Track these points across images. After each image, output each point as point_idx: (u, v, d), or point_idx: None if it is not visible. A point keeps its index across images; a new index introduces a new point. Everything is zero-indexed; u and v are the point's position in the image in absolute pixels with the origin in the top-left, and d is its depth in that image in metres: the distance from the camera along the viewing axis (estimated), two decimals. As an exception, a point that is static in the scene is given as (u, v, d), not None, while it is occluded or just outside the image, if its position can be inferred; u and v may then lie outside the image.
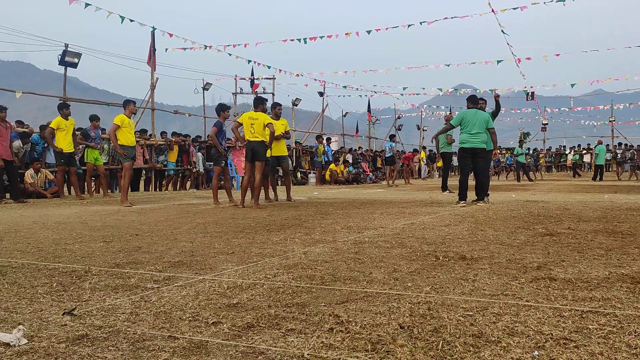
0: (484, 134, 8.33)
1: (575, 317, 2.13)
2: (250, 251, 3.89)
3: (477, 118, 8.27)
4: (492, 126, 8.56)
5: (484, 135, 8.35)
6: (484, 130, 8.31)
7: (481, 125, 8.26)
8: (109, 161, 13.02)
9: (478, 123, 8.24)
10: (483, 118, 8.34)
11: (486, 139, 8.45)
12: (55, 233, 5.10)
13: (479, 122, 8.25)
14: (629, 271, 2.99)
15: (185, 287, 2.75)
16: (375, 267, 3.22)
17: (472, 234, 4.69)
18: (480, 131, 8.24)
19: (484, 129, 8.30)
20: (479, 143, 8.24)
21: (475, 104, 8.56)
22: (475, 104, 8.55)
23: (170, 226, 5.61)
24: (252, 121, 8.17)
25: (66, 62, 12.83)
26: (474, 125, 8.23)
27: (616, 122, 35.80)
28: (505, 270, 3.06)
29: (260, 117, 8.17)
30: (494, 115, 9.27)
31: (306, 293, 2.59)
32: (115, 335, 1.98)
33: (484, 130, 8.30)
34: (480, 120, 8.28)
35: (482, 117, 8.34)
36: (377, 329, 2.01)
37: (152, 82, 15.69)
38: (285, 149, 10.00)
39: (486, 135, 8.45)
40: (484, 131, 8.33)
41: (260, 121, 8.12)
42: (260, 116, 8.18)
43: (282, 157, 9.80)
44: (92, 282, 2.89)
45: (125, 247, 4.13)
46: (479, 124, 8.24)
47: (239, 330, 2.03)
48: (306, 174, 20.48)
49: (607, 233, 4.59)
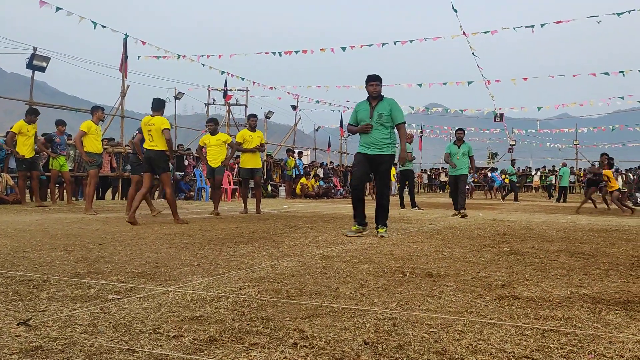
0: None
1: (537, 335, 2.16)
2: (216, 263, 3.83)
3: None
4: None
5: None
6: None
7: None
8: (74, 168, 12.72)
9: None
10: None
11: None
12: (15, 240, 4.93)
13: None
14: (590, 291, 3.05)
15: (148, 299, 2.69)
16: (342, 282, 3.21)
17: (439, 251, 4.72)
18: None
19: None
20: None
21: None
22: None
23: (135, 236, 5.50)
24: (148, 127, 7.27)
25: (34, 65, 12.56)
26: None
27: (580, 146, 36.90)
28: (471, 288, 3.08)
29: (157, 122, 7.25)
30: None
31: (271, 307, 2.56)
32: (71, 348, 1.91)
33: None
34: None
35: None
36: (342, 345, 1.99)
37: (123, 89, 15.46)
38: (260, 162, 9.97)
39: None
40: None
41: (158, 126, 7.21)
42: (157, 121, 7.26)
43: (256, 170, 9.78)
44: (50, 292, 2.79)
45: (87, 257, 4.02)
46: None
47: (200, 344, 1.98)
48: (276, 187, 20.41)
49: (569, 253, 4.69)
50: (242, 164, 9.95)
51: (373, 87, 6.12)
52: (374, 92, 6.12)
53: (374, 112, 6.08)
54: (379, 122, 6.03)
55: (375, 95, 6.13)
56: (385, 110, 6.06)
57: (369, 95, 6.20)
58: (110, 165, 14.40)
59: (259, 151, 9.78)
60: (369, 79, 6.17)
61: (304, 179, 20.45)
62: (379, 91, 6.14)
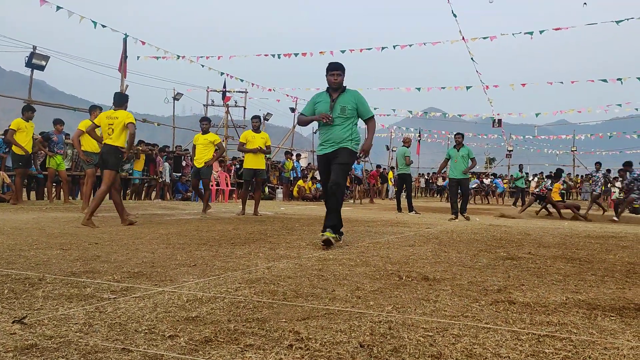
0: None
1: (532, 340, 2.16)
2: (212, 264, 3.83)
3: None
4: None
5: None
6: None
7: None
8: (71, 167, 12.70)
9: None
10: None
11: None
12: (11, 239, 4.92)
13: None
14: (586, 297, 3.05)
15: (143, 299, 2.68)
16: (338, 284, 3.21)
17: (435, 255, 4.73)
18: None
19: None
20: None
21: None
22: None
23: (132, 236, 5.49)
24: (110, 121, 6.82)
25: (33, 64, 12.56)
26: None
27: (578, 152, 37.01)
28: (467, 292, 3.09)
29: (121, 115, 6.82)
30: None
31: (267, 308, 2.56)
32: (66, 346, 1.91)
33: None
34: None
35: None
36: (337, 347, 1.99)
37: (122, 89, 15.45)
38: (263, 163, 9.92)
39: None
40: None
41: (122, 120, 6.78)
42: (121, 114, 6.83)
43: (259, 171, 9.74)
44: (45, 291, 2.79)
45: (83, 256, 4.02)
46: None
47: (196, 345, 1.98)
48: (274, 188, 20.41)
49: (565, 259, 4.70)
50: (244, 164, 9.97)
51: (334, 77, 5.38)
52: (335, 83, 5.39)
53: (335, 105, 5.37)
54: (341, 116, 5.33)
55: (336, 87, 5.42)
56: (350, 104, 5.36)
57: (328, 86, 5.48)
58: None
59: (261, 153, 9.69)
60: (331, 68, 5.43)
61: (302, 182, 20.45)
62: (340, 82, 5.41)
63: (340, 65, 5.46)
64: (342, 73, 5.43)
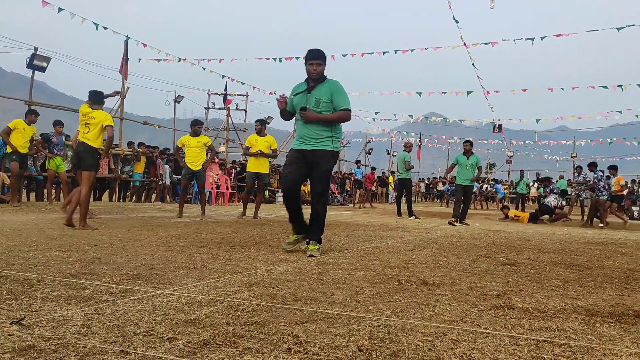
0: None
1: (530, 346, 2.16)
2: (212, 267, 3.82)
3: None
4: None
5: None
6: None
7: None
8: (71, 169, 12.71)
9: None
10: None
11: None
12: (10, 239, 4.92)
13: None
14: (585, 303, 3.05)
15: (142, 301, 2.68)
16: (337, 288, 3.21)
17: (435, 260, 4.72)
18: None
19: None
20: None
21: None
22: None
23: (131, 238, 5.48)
24: (87, 119, 6.52)
25: (34, 65, 12.58)
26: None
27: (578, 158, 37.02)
28: (466, 297, 3.08)
29: (99, 116, 6.53)
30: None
31: (266, 312, 2.56)
32: (64, 348, 1.90)
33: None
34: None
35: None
36: (336, 351, 1.99)
37: (123, 91, 15.48)
38: (266, 167, 9.90)
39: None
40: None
41: (99, 121, 6.50)
42: (99, 115, 6.54)
43: (262, 175, 9.74)
44: (44, 292, 2.78)
45: (82, 257, 4.01)
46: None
47: (194, 347, 1.98)
48: (274, 192, 20.41)
49: (564, 265, 4.69)
50: (247, 167, 9.99)
51: (313, 67, 4.84)
52: (315, 73, 4.84)
53: (310, 97, 4.84)
54: (315, 109, 4.80)
55: (315, 77, 4.87)
56: (325, 96, 4.82)
57: (307, 76, 4.94)
58: (108, 166, 14.38)
59: (262, 157, 9.66)
60: (310, 56, 4.87)
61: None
62: (319, 72, 4.86)
63: (321, 53, 4.90)
64: (323, 62, 4.88)
